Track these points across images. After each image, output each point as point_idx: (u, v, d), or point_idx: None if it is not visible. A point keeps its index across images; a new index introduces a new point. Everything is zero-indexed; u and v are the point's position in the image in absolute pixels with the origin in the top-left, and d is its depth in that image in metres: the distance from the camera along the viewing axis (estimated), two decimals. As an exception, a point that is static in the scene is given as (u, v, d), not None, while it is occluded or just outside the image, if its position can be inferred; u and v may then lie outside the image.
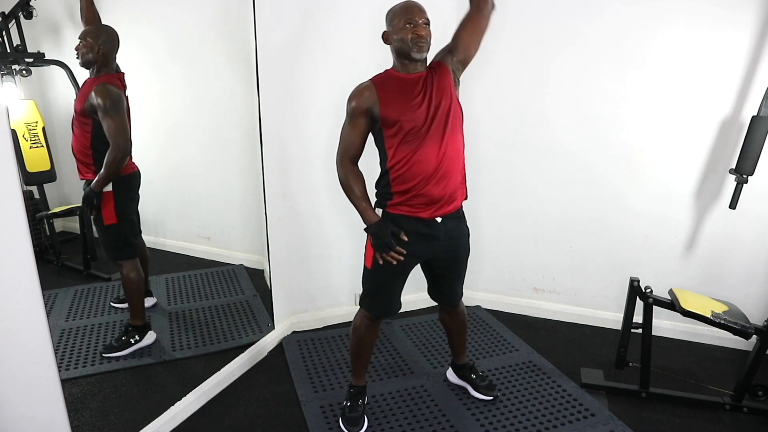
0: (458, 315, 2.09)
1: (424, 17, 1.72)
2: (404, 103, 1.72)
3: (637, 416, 2.07)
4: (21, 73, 2.25)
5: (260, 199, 2.49)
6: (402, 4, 1.75)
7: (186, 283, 2.92)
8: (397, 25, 1.71)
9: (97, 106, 2.09)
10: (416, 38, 1.68)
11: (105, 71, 2.18)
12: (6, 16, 2.20)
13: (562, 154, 2.68)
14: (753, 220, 2.43)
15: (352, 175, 1.79)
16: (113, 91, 2.12)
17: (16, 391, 1.33)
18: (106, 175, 2.15)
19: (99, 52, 2.13)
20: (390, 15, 1.77)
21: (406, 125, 1.71)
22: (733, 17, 2.26)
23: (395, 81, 1.76)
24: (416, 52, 1.70)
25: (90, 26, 2.18)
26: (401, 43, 1.71)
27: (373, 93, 1.73)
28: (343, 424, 1.96)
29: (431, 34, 1.74)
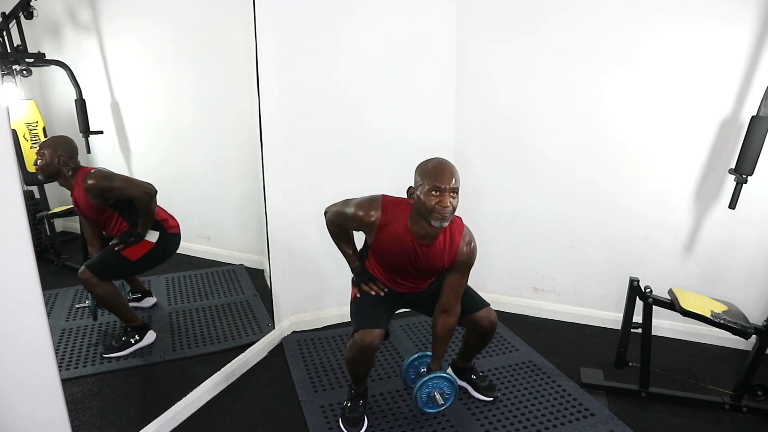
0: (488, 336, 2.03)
1: (454, 187, 1.64)
2: (393, 252, 1.80)
3: (636, 416, 2.07)
4: (21, 73, 2.25)
5: (260, 199, 2.49)
6: (433, 165, 1.67)
7: (186, 283, 2.92)
8: (424, 187, 1.63)
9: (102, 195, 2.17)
10: (440, 208, 1.61)
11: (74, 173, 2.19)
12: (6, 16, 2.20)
13: (562, 153, 2.69)
14: (752, 220, 2.43)
15: (339, 231, 1.94)
16: (96, 173, 2.17)
17: (17, 391, 1.33)
18: (144, 219, 2.26)
19: (60, 162, 2.14)
20: (419, 171, 1.69)
21: (387, 258, 1.84)
22: (733, 16, 2.26)
23: (399, 230, 1.74)
24: (436, 221, 1.64)
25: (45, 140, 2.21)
26: (424, 207, 1.64)
27: (376, 222, 1.76)
28: (343, 425, 1.96)
29: (458, 202, 1.66)
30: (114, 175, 2.23)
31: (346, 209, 1.84)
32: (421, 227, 1.71)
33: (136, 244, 2.27)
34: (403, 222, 1.74)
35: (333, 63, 2.50)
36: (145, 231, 2.28)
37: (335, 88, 2.54)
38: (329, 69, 2.50)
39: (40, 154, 2.14)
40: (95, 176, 2.16)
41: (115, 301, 2.31)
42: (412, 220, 1.73)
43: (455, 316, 1.88)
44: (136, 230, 2.26)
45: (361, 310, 1.90)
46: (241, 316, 2.68)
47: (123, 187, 2.21)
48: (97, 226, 2.31)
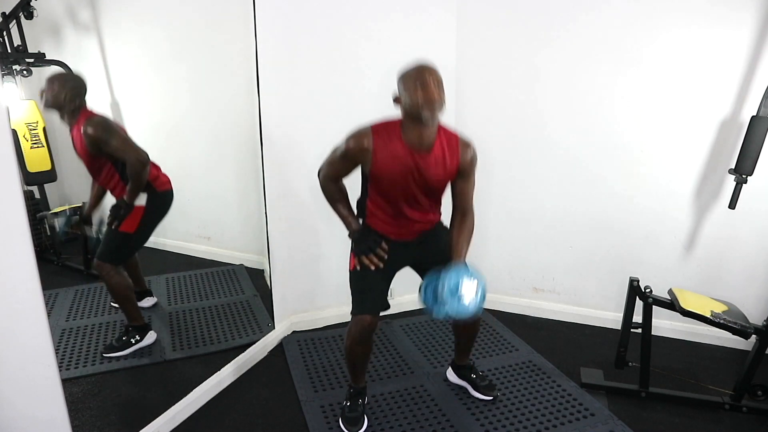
0: (474, 324, 2.06)
1: (437, 79, 1.66)
2: (394, 171, 1.74)
3: (636, 416, 2.07)
4: (22, 73, 2.25)
5: (260, 199, 2.49)
6: (415, 67, 1.70)
7: (186, 283, 2.92)
8: (408, 87, 1.66)
9: (97, 142, 2.12)
10: (428, 100, 1.63)
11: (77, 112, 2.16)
12: (6, 16, 2.20)
13: (561, 154, 2.69)
14: (752, 220, 2.43)
15: (334, 189, 1.88)
16: (97, 121, 2.13)
17: (17, 391, 1.33)
18: (133, 187, 2.19)
19: (66, 98, 2.12)
20: (402, 76, 1.71)
21: (388, 186, 1.78)
22: (733, 16, 2.26)
23: (397, 144, 1.72)
24: (427, 113, 1.64)
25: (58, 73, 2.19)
26: (411, 105, 1.65)
27: (370, 145, 1.72)
28: (343, 424, 1.96)
29: (445, 98, 1.68)
30: (114, 129, 2.16)
31: (336, 153, 1.80)
32: (415, 134, 1.70)
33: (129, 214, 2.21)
34: (397, 137, 1.72)
35: (333, 63, 2.50)
36: (132, 200, 2.20)
37: (335, 88, 2.54)
38: (329, 69, 2.50)
39: (49, 85, 2.11)
40: (95, 124, 2.11)
41: (127, 295, 2.32)
42: (405, 132, 1.72)
43: (472, 216, 1.89)
44: (123, 200, 2.20)
45: (361, 288, 1.89)
46: (241, 316, 2.69)
47: (118, 147, 2.14)
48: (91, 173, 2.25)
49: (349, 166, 1.82)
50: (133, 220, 2.23)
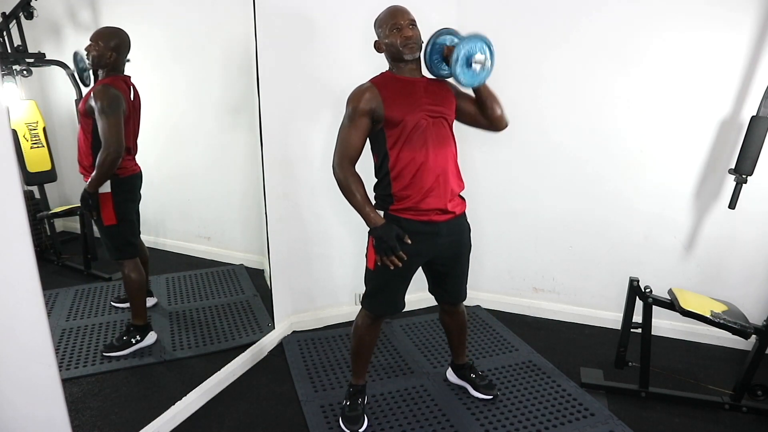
0: (458, 315, 2.09)
1: (409, 18, 1.76)
2: (407, 103, 1.74)
3: (636, 416, 2.07)
4: (22, 73, 2.25)
5: (260, 199, 2.49)
6: (386, 11, 1.79)
7: (186, 283, 2.92)
8: (385, 32, 1.76)
9: (95, 107, 2.09)
10: (405, 40, 1.73)
11: (112, 74, 2.17)
12: (7, 16, 2.20)
13: (561, 154, 2.69)
14: (752, 220, 2.43)
15: (352, 178, 1.75)
16: (111, 92, 2.11)
17: (17, 391, 1.33)
18: (97, 175, 2.12)
19: (110, 56, 2.13)
20: (377, 23, 1.81)
21: (409, 124, 1.72)
22: (732, 17, 2.27)
23: (396, 82, 1.78)
24: (408, 53, 1.74)
25: (102, 28, 2.18)
26: (392, 47, 1.76)
27: (376, 93, 1.73)
28: (343, 423, 1.96)
29: (420, 32, 1.78)
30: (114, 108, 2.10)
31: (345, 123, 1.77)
32: (406, 70, 1.79)
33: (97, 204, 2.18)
34: (392, 78, 1.80)
35: (333, 63, 2.50)
36: (94, 188, 2.14)
37: (335, 88, 2.53)
38: (329, 69, 2.50)
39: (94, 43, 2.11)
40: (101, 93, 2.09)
41: (140, 293, 2.34)
42: (396, 72, 1.80)
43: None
44: (85, 192, 2.15)
45: (379, 288, 1.88)
46: (241, 316, 2.69)
47: (103, 125, 2.08)
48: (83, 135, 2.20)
49: (363, 129, 1.74)
50: (108, 211, 2.22)
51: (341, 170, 1.76)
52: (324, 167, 2.61)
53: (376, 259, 1.78)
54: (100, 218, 2.22)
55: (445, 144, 1.79)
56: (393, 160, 1.76)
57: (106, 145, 2.09)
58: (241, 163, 2.84)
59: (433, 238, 1.81)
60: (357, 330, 1.97)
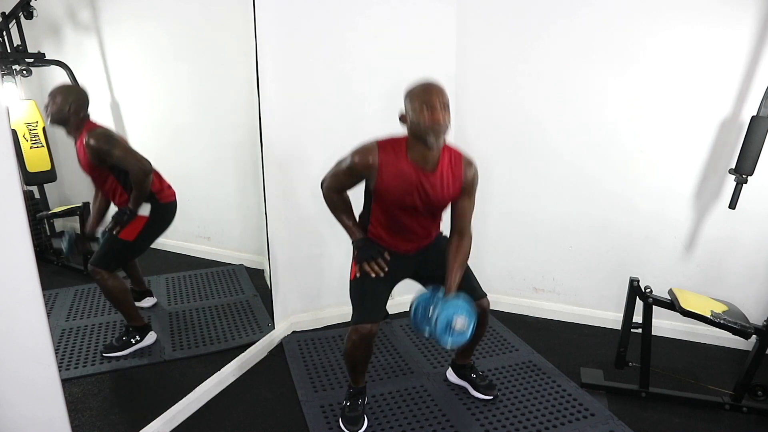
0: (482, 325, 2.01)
1: (444, 101, 1.66)
2: (399, 189, 1.76)
3: (636, 416, 2.07)
4: (21, 73, 2.25)
5: (260, 199, 2.49)
6: (421, 86, 1.69)
7: (186, 283, 2.92)
8: (415, 108, 1.66)
9: (99, 154, 2.12)
10: (433, 123, 1.63)
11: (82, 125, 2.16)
12: (6, 16, 2.20)
13: (561, 154, 2.69)
14: (753, 220, 2.43)
15: (338, 200, 1.88)
16: (99, 133, 2.13)
17: (17, 391, 1.33)
18: (136, 194, 2.20)
19: (70, 111, 2.11)
20: (408, 96, 1.71)
21: (392, 203, 1.79)
22: (733, 16, 2.26)
23: (402, 163, 1.73)
24: (432, 138, 1.65)
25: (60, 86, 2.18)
26: (417, 126, 1.66)
27: (376, 162, 1.73)
28: (342, 424, 1.96)
29: (450, 118, 1.69)
30: (116, 141, 2.16)
31: (341, 165, 1.80)
32: (420, 153, 1.71)
33: (131, 222, 2.21)
34: (402, 154, 1.73)
35: (333, 63, 2.50)
36: (137, 207, 2.22)
37: (335, 88, 2.54)
38: (329, 69, 2.50)
39: (51, 99, 2.11)
40: (97, 136, 2.11)
41: (123, 298, 2.31)
42: (410, 149, 1.73)
43: (469, 239, 1.89)
44: (128, 207, 2.21)
45: (361, 296, 1.89)
46: (241, 316, 2.68)
47: (120, 157, 2.15)
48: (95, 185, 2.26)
49: (353, 181, 1.83)
50: (134, 228, 2.24)
51: (327, 193, 1.89)
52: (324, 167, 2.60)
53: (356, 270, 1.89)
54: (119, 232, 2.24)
55: (428, 219, 1.87)
56: (374, 212, 1.87)
57: (130, 168, 2.16)
58: (241, 162, 2.84)
59: (408, 258, 1.95)
60: (348, 350, 1.91)
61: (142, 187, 2.19)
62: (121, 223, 2.21)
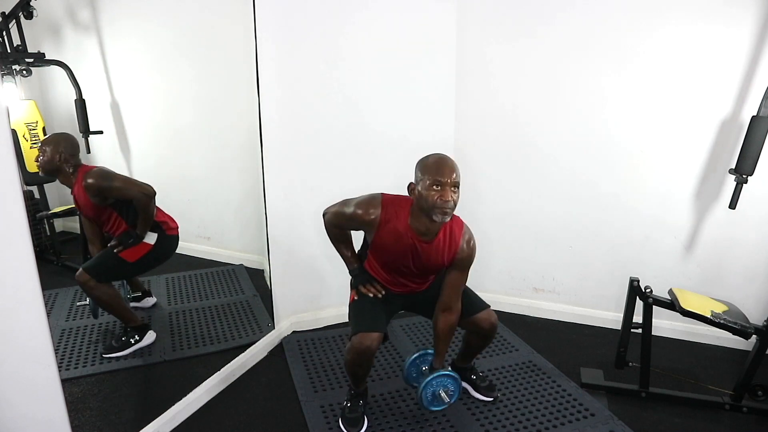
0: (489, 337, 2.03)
1: (455, 180, 1.65)
2: (394, 249, 1.80)
3: (636, 416, 2.07)
4: (21, 73, 2.25)
5: (260, 199, 2.49)
6: (434, 160, 1.68)
7: (186, 283, 2.92)
8: (425, 182, 1.64)
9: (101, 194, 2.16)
10: (442, 203, 1.62)
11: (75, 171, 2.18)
12: (6, 16, 2.20)
13: (561, 154, 2.69)
14: (752, 220, 2.43)
15: (339, 233, 1.94)
16: (96, 172, 2.16)
17: (17, 391, 1.33)
18: (143, 220, 2.25)
19: (61, 159, 2.14)
20: (420, 166, 1.70)
21: (386, 258, 1.85)
22: (733, 16, 2.26)
23: (400, 227, 1.75)
24: (437, 216, 1.65)
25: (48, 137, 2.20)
26: (425, 202, 1.65)
27: (376, 220, 1.76)
28: (342, 425, 1.96)
29: (459, 197, 1.67)
30: (114, 174, 2.22)
31: (345, 209, 1.84)
32: (421, 223, 1.72)
33: (135, 246, 2.26)
34: (403, 219, 1.75)
35: (333, 63, 2.50)
36: (143, 232, 2.27)
37: (335, 88, 2.54)
38: (329, 69, 2.50)
39: (41, 151, 2.13)
40: (95, 175, 2.16)
41: (114, 303, 2.30)
42: (413, 217, 1.74)
43: (456, 314, 1.88)
44: (134, 231, 2.26)
45: (360, 313, 1.89)
46: (241, 316, 2.68)
47: (122, 188, 2.21)
48: (98, 225, 2.31)
49: (353, 227, 1.89)
50: (137, 252, 2.27)
51: (329, 226, 1.93)
52: (325, 167, 2.61)
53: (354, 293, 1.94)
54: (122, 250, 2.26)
55: (423, 278, 1.92)
56: (369, 257, 1.92)
57: (133, 195, 2.20)
58: (241, 162, 2.84)
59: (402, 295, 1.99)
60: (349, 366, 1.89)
61: (148, 211, 2.24)
62: (125, 245, 2.25)
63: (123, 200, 2.23)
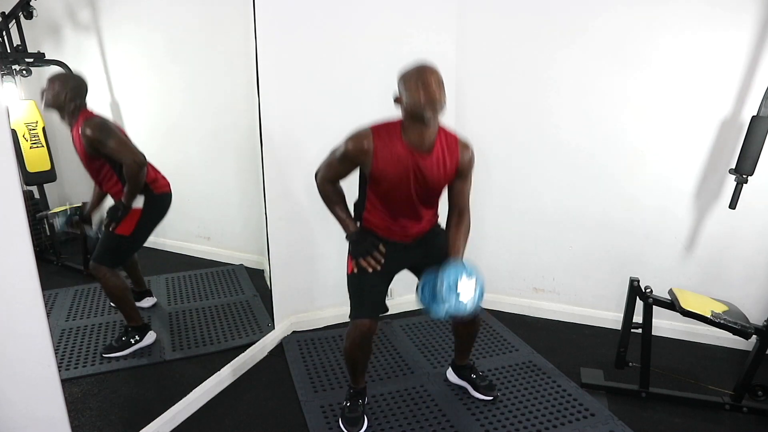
0: (474, 324, 2.05)
1: (438, 79, 1.67)
2: (397, 173, 1.74)
3: (637, 416, 2.07)
4: (21, 73, 2.25)
5: (260, 199, 2.49)
6: (414, 68, 1.70)
7: (186, 283, 2.92)
8: (410, 87, 1.66)
9: (94, 144, 2.11)
10: (429, 98, 1.63)
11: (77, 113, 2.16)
12: (6, 16, 2.20)
13: (562, 154, 2.69)
14: (753, 220, 2.43)
15: (332, 191, 1.88)
16: (95, 123, 2.13)
17: (17, 391, 1.33)
18: (130, 188, 2.18)
19: (66, 98, 2.12)
20: (402, 78, 1.72)
21: (388, 188, 1.78)
22: (733, 18, 2.26)
23: (397, 147, 1.72)
24: (429, 114, 1.64)
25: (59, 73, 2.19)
26: (413, 105, 1.65)
27: (371, 147, 1.72)
28: (342, 425, 1.96)
29: (446, 97, 1.68)
30: (112, 131, 2.15)
31: (335, 154, 1.79)
32: (416, 134, 1.70)
33: (126, 217, 2.20)
34: (397, 137, 1.72)
35: (333, 63, 2.50)
36: (129, 201, 2.20)
37: (335, 87, 2.54)
38: (329, 69, 2.50)
39: (50, 85, 2.12)
40: (93, 126, 2.11)
41: (124, 297, 2.31)
42: (405, 131, 1.72)
43: (469, 216, 1.90)
44: (121, 202, 2.20)
45: (359, 292, 1.88)
46: (241, 316, 2.68)
47: (114, 149, 2.13)
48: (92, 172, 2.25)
49: (348, 168, 1.81)
50: (130, 222, 2.23)
51: (321, 184, 1.88)
52: (324, 167, 2.61)
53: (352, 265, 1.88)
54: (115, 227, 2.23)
55: (425, 206, 1.86)
56: (369, 201, 1.86)
57: (125, 159, 2.15)
58: (241, 162, 2.84)
59: (405, 249, 1.92)
60: (348, 348, 1.91)
61: (136, 181, 2.17)
62: (115, 219, 2.20)
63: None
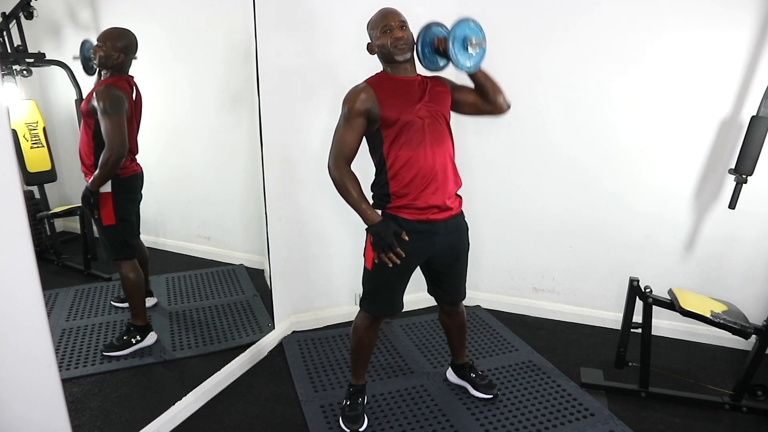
0: (458, 316, 2.09)
1: (400, 20, 1.78)
2: (403, 102, 1.75)
3: (636, 416, 2.07)
4: (22, 73, 2.25)
5: (260, 199, 2.49)
6: (377, 14, 1.81)
7: (186, 283, 2.93)
8: (376, 33, 1.78)
9: (97, 107, 2.09)
10: (395, 41, 1.74)
11: (116, 74, 2.17)
12: (6, 16, 2.20)
13: (562, 154, 2.69)
14: (752, 220, 2.43)
15: (348, 176, 1.76)
16: (114, 93, 2.11)
17: (17, 391, 1.33)
18: (100, 175, 2.13)
19: (117, 58, 2.14)
20: (369, 26, 1.83)
21: (406, 123, 1.73)
22: (732, 16, 2.26)
23: (391, 82, 1.79)
24: (399, 54, 1.76)
25: (110, 29, 2.18)
26: (383, 49, 1.77)
27: (371, 93, 1.74)
28: (343, 423, 1.96)
29: (411, 33, 1.79)
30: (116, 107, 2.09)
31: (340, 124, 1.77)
32: (400, 70, 1.80)
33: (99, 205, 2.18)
34: (387, 78, 1.81)
35: (333, 63, 2.50)
36: (95, 186, 2.15)
37: (336, 88, 2.53)
38: (329, 69, 2.50)
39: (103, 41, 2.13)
40: (107, 93, 2.09)
41: (137, 293, 2.34)
42: (388, 69, 1.82)
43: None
44: (86, 190, 2.16)
45: (376, 289, 1.88)
46: (241, 316, 2.69)
47: (104, 125, 2.08)
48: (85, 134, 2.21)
49: (358, 130, 1.75)
50: (108, 210, 2.22)
51: (336, 169, 1.77)
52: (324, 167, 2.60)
53: (374, 257, 1.79)
54: (99, 218, 2.22)
55: (443, 141, 1.80)
56: (391, 161, 1.77)
57: (109, 145, 2.10)
58: (241, 163, 2.84)
59: (431, 237, 1.82)
60: (356, 331, 1.97)
61: (107, 168, 2.12)
62: (91, 206, 2.18)
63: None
